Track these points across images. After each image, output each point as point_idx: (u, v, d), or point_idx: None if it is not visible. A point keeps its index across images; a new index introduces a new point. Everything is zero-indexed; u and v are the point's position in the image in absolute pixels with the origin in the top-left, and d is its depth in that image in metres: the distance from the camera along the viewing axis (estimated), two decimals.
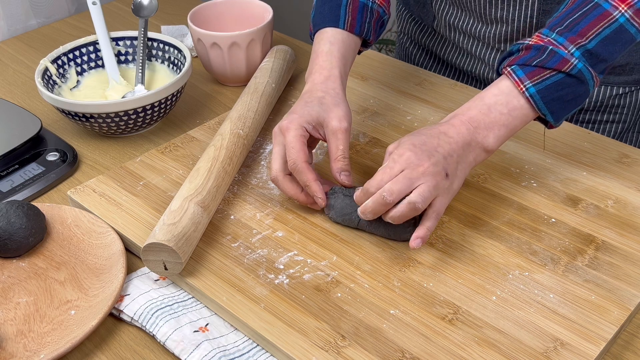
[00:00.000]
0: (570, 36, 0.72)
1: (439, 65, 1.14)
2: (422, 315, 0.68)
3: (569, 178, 0.85)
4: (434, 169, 0.70)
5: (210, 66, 1.07)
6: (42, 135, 0.96)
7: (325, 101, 0.79)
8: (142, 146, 0.97)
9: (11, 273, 0.76)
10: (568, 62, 0.72)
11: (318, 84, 0.81)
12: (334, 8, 0.85)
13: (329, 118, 0.77)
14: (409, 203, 0.69)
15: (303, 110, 0.78)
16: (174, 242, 0.69)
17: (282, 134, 0.77)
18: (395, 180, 0.69)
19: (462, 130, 0.73)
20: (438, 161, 0.70)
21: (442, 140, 0.72)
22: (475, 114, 0.73)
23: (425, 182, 0.69)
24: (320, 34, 0.85)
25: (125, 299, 0.71)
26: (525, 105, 0.73)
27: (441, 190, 0.71)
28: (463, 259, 0.74)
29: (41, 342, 0.68)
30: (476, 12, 0.98)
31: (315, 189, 0.76)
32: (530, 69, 0.72)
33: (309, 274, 0.72)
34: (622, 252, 0.74)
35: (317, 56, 0.83)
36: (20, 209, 0.76)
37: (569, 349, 0.64)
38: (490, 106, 0.73)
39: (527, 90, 0.72)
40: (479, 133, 0.73)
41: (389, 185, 0.69)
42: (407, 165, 0.70)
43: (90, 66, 1.05)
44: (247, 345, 0.68)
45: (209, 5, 1.10)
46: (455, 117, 0.74)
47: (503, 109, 0.73)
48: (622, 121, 1.02)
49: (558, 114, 0.74)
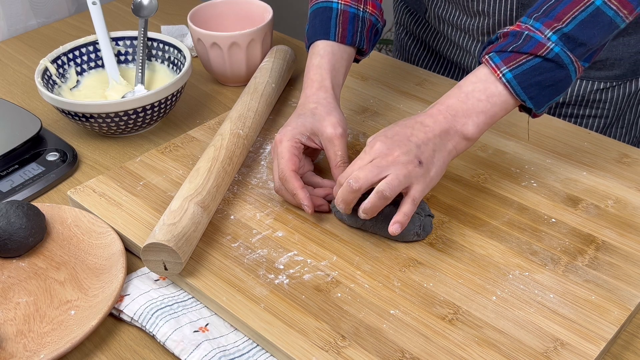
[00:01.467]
0: (546, 20, 0.72)
1: (432, 57, 1.15)
2: (422, 315, 0.68)
3: (569, 178, 0.85)
4: (404, 158, 0.70)
5: (210, 66, 1.07)
6: (42, 135, 0.96)
7: (318, 111, 0.80)
8: (142, 146, 0.97)
9: (11, 273, 0.76)
10: (544, 46, 0.71)
11: (310, 96, 0.82)
12: (325, 21, 0.86)
13: (323, 127, 0.79)
14: (377, 192, 0.70)
15: (296, 122, 0.80)
16: (174, 242, 0.69)
17: (276, 145, 0.79)
18: (362, 168, 0.71)
19: (439, 118, 0.73)
20: (409, 150, 0.71)
21: (417, 129, 0.72)
22: (453, 102, 0.74)
23: (394, 171, 0.70)
24: (312, 47, 0.87)
25: (125, 299, 0.71)
26: (504, 91, 0.73)
27: (414, 177, 0.71)
28: (463, 259, 0.74)
29: (41, 342, 0.68)
30: (461, 5, 1.00)
31: (302, 196, 0.77)
32: (506, 54, 0.73)
33: (309, 274, 0.72)
34: (622, 252, 0.74)
35: (308, 70, 0.85)
36: (20, 209, 0.76)
37: (569, 349, 0.64)
38: (467, 93, 0.74)
39: (504, 76, 0.72)
40: (457, 121, 0.73)
41: (355, 173, 0.70)
42: (377, 155, 0.71)
43: (90, 66, 1.05)
44: (247, 345, 0.68)
45: (209, 5, 1.10)
46: (433, 107, 0.75)
47: (481, 96, 0.73)
48: (604, 116, 1.02)
49: (538, 100, 0.73)
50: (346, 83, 1.04)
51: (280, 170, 0.77)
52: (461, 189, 0.83)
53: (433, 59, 1.15)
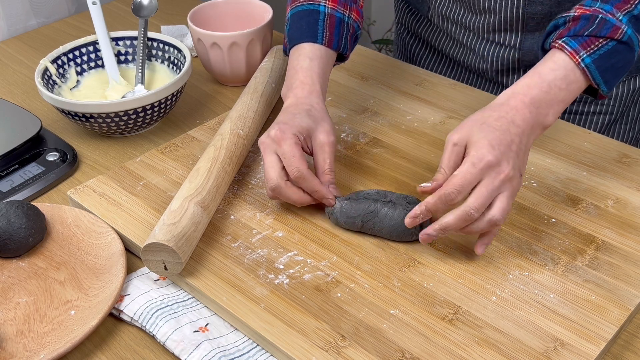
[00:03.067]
0: (616, 3, 0.72)
1: (434, 56, 1.15)
2: (422, 315, 0.68)
3: (569, 178, 0.85)
4: (512, 173, 0.69)
5: (210, 66, 1.07)
6: (42, 135, 0.96)
7: (312, 114, 0.79)
8: (142, 146, 0.97)
9: (11, 273, 0.76)
10: (619, 29, 0.71)
11: (302, 98, 0.81)
12: (312, 23, 0.85)
13: (317, 131, 0.78)
14: (490, 221, 0.69)
15: (293, 121, 0.78)
16: (174, 242, 0.69)
17: (275, 143, 0.76)
18: (479, 194, 0.68)
19: (526, 114, 0.71)
20: (515, 163, 0.69)
21: (513, 132, 0.70)
22: (537, 93, 0.72)
23: (505, 190, 0.69)
24: (297, 49, 0.85)
25: (125, 299, 0.71)
26: (581, 77, 0.72)
27: (516, 191, 0.70)
28: (463, 259, 0.74)
29: (41, 342, 0.68)
30: (466, 3, 1.00)
31: (324, 192, 0.76)
32: (583, 39, 0.72)
33: (309, 274, 0.72)
34: (622, 252, 0.74)
35: (296, 72, 0.83)
36: (20, 209, 0.76)
37: (569, 349, 0.64)
38: (550, 83, 0.72)
39: (583, 61, 0.71)
40: (541, 112, 0.72)
41: (474, 202, 0.67)
42: (487, 171, 0.68)
43: (90, 66, 1.05)
44: (247, 345, 0.68)
45: (209, 5, 1.10)
46: (515, 98, 0.72)
47: (562, 84, 0.72)
48: (609, 112, 1.02)
49: (611, 82, 0.73)
50: (346, 83, 1.05)
51: (296, 169, 0.75)
52: None
53: (435, 58, 1.15)
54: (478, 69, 1.07)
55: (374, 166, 0.88)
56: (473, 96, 1.01)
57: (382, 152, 0.90)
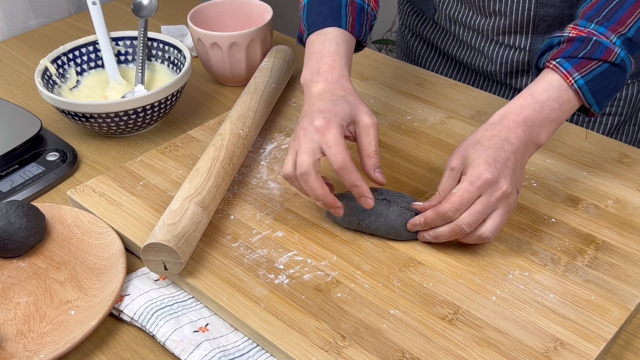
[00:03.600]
0: (610, 25, 0.73)
1: (439, 58, 1.14)
2: (422, 315, 0.68)
3: (569, 178, 0.85)
4: (510, 190, 0.70)
5: (210, 66, 1.07)
6: (42, 135, 0.96)
7: (349, 99, 0.76)
8: (142, 146, 0.97)
9: (11, 273, 0.76)
10: (612, 52, 0.72)
11: (334, 83, 0.78)
12: (335, 8, 0.84)
13: (360, 114, 0.75)
14: (480, 237, 0.71)
15: (336, 109, 0.74)
16: (174, 242, 0.69)
17: (317, 132, 0.72)
18: (474, 211, 0.69)
19: (519, 133, 0.72)
20: (511, 180, 0.70)
21: (507, 150, 0.71)
22: (530, 113, 0.73)
23: (500, 207, 0.70)
24: (321, 34, 0.83)
25: (125, 299, 0.71)
26: (574, 97, 0.74)
27: (511, 208, 0.72)
28: (463, 259, 0.74)
29: (41, 342, 0.67)
30: (476, 5, 0.99)
31: (366, 188, 0.73)
32: (577, 60, 0.73)
33: (309, 274, 0.72)
34: (622, 252, 0.74)
35: (322, 56, 0.80)
36: (20, 209, 0.76)
37: (569, 349, 0.64)
38: (542, 103, 0.73)
39: (576, 83, 0.72)
40: (533, 132, 0.73)
41: (468, 217, 0.70)
42: (485, 189, 0.69)
43: (90, 66, 1.05)
44: (247, 345, 0.68)
45: (209, 5, 1.10)
46: (508, 118, 0.73)
47: (554, 105, 0.73)
48: (618, 114, 1.02)
49: (602, 103, 0.75)
50: None
51: (341, 160, 0.71)
52: None
53: (441, 60, 1.14)
54: (486, 71, 1.06)
55: None
56: (473, 96, 1.01)
57: (382, 152, 0.90)
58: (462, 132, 0.93)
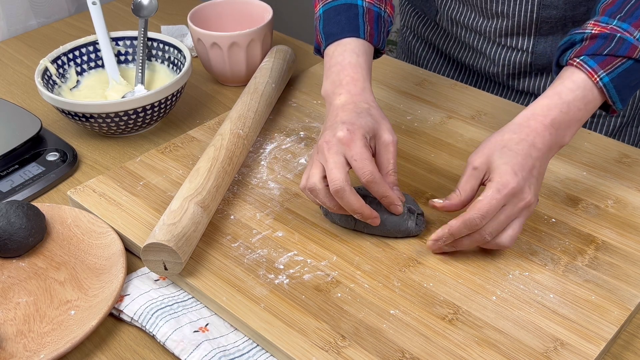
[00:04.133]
0: (633, 21, 0.72)
1: (441, 59, 1.14)
2: (422, 315, 0.68)
3: (569, 178, 0.85)
4: (532, 200, 0.70)
5: (210, 66, 1.07)
6: (42, 135, 0.96)
7: (373, 113, 0.76)
8: (142, 146, 0.97)
9: (11, 273, 0.76)
10: (637, 48, 0.72)
11: (357, 96, 0.77)
12: (352, 18, 0.82)
13: (381, 130, 0.75)
14: (498, 245, 0.71)
15: (360, 121, 0.73)
16: (174, 242, 0.69)
17: (342, 144, 0.72)
18: (498, 221, 0.69)
19: (546, 136, 0.71)
20: (535, 189, 0.70)
21: (534, 156, 0.70)
22: (557, 115, 0.71)
23: (521, 216, 0.70)
24: (340, 45, 0.81)
25: (125, 299, 0.71)
26: (598, 96, 0.73)
27: (529, 216, 0.72)
28: (463, 259, 0.74)
29: (41, 342, 0.67)
30: (478, 7, 0.99)
31: (395, 197, 0.73)
32: (601, 58, 0.72)
33: (309, 274, 0.72)
34: (622, 252, 0.74)
35: (343, 68, 0.79)
36: (20, 209, 0.76)
37: (569, 349, 0.64)
38: (569, 103, 0.72)
39: (601, 80, 0.71)
40: (560, 134, 0.72)
41: (492, 227, 0.69)
42: (511, 198, 0.69)
43: (90, 66, 1.05)
44: (247, 345, 0.68)
45: (209, 5, 1.10)
46: (535, 119, 0.72)
47: (580, 105, 0.72)
48: (620, 115, 1.02)
49: (627, 99, 0.74)
50: None
51: (369, 172, 0.71)
52: None
53: (442, 62, 1.14)
54: (488, 73, 1.06)
55: None
56: (473, 96, 1.01)
57: None
58: (462, 132, 0.93)
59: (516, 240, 0.72)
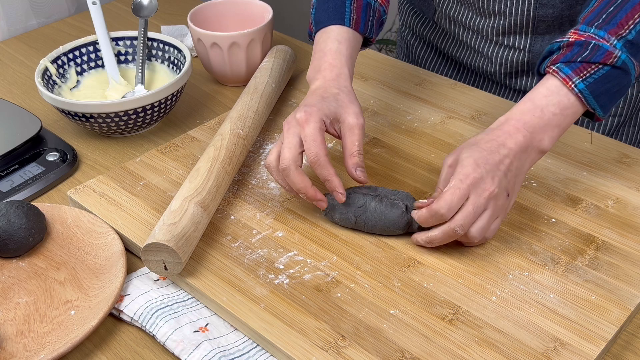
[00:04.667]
0: (610, 29, 0.73)
1: (439, 59, 1.14)
2: (422, 315, 0.68)
3: (569, 178, 0.85)
4: (497, 191, 0.70)
5: (210, 66, 1.07)
6: (42, 135, 0.96)
7: (340, 98, 0.78)
8: (142, 146, 0.97)
9: (11, 273, 0.76)
10: (612, 55, 0.72)
11: (330, 81, 0.80)
12: (339, 6, 0.85)
13: (346, 114, 0.77)
14: (468, 237, 0.72)
15: (321, 104, 0.76)
16: (174, 242, 0.69)
17: (299, 125, 0.75)
18: (466, 212, 0.70)
19: (518, 138, 0.72)
20: (501, 181, 0.71)
21: (502, 153, 0.72)
22: (530, 119, 0.73)
23: (489, 208, 0.71)
24: (325, 32, 0.84)
25: (125, 299, 0.71)
26: (576, 102, 0.73)
27: (500, 211, 0.72)
28: (463, 259, 0.74)
29: (41, 342, 0.68)
30: (475, 6, 0.99)
31: (337, 183, 0.74)
32: (576, 65, 0.73)
33: (309, 274, 0.72)
34: (622, 252, 0.74)
35: (324, 54, 0.82)
36: (20, 209, 0.76)
37: (569, 349, 0.64)
38: (542, 108, 0.73)
39: (576, 87, 0.72)
40: (535, 137, 0.73)
41: (460, 219, 0.70)
42: (473, 188, 0.70)
43: (90, 66, 1.05)
44: (247, 345, 0.68)
45: (209, 5, 1.10)
46: (508, 123, 0.73)
47: (555, 110, 0.73)
48: (617, 114, 1.02)
49: (606, 107, 0.74)
50: None
51: (314, 154, 0.73)
52: None
53: (440, 61, 1.14)
54: (486, 72, 1.06)
55: (374, 166, 0.88)
56: (473, 96, 1.01)
57: (382, 152, 0.90)
58: (462, 132, 0.93)
59: (493, 233, 0.73)
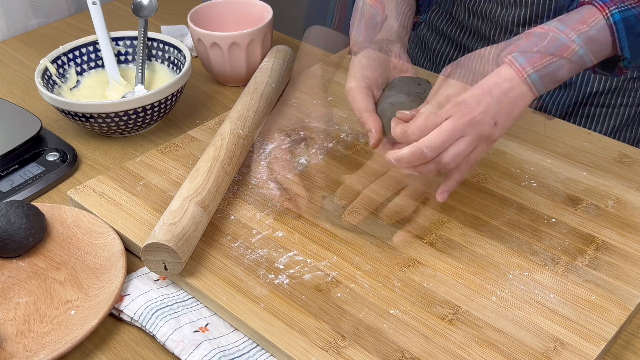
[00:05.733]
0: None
1: (456, 51, 1.14)
2: (422, 315, 0.68)
3: (569, 178, 0.85)
4: (482, 118, 0.66)
5: (210, 66, 1.07)
6: (42, 135, 0.96)
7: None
8: (142, 146, 0.97)
9: (11, 273, 0.76)
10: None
11: None
12: None
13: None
14: (438, 162, 0.67)
15: None
16: (174, 242, 0.69)
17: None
18: (438, 133, 0.65)
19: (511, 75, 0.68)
20: (488, 108, 0.66)
21: (497, 80, 0.68)
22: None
23: (467, 134, 0.66)
24: None
25: (125, 299, 0.71)
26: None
27: (482, 140, 0.68)
28: (463, 259, 0.74)
29: (41, 342, 0.68)
30: None
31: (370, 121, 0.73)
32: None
33: (309, 274, 0.72)
34: (622, 252, 0.74)
35: None
36: (20, 209, 0.76)
37: (569, 349, 0.64)
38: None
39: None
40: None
41: (430, 139, 0.65)
42: (454, 112, 0.65)
43: (90, 66, 1.05)
44: (247, 345, 0.68)
45: (209, 5, 1.10)
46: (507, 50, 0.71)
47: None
48: (635, 105, 1.02)
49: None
50: None
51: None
52: (461, 189, 0.83)
53: (457, 55, 1.13)
54: None
55: (374, 166, 0.87)
56: None
57: (382, 152, 0.90)
58: None
59: (472, 164, 0.70)
